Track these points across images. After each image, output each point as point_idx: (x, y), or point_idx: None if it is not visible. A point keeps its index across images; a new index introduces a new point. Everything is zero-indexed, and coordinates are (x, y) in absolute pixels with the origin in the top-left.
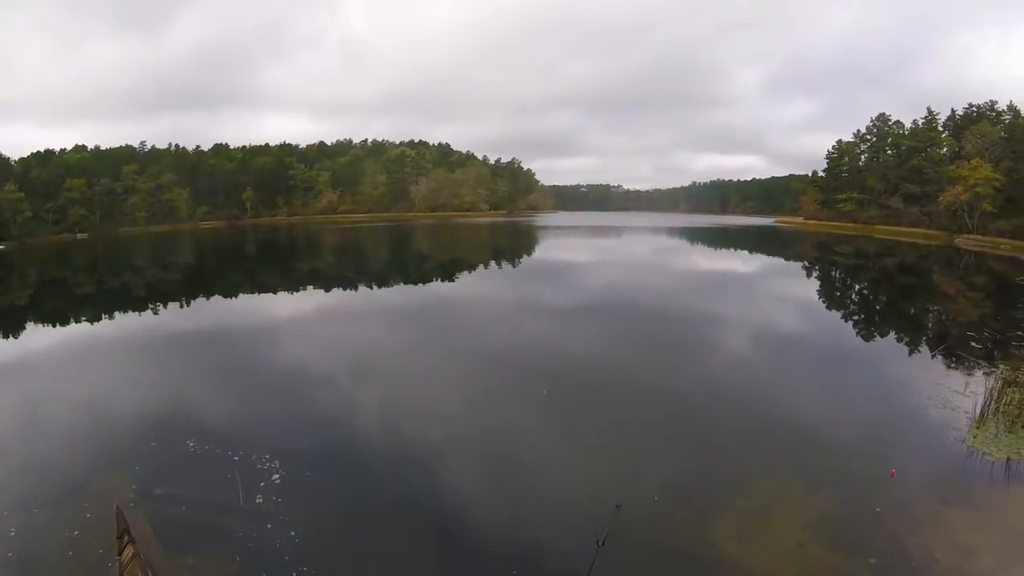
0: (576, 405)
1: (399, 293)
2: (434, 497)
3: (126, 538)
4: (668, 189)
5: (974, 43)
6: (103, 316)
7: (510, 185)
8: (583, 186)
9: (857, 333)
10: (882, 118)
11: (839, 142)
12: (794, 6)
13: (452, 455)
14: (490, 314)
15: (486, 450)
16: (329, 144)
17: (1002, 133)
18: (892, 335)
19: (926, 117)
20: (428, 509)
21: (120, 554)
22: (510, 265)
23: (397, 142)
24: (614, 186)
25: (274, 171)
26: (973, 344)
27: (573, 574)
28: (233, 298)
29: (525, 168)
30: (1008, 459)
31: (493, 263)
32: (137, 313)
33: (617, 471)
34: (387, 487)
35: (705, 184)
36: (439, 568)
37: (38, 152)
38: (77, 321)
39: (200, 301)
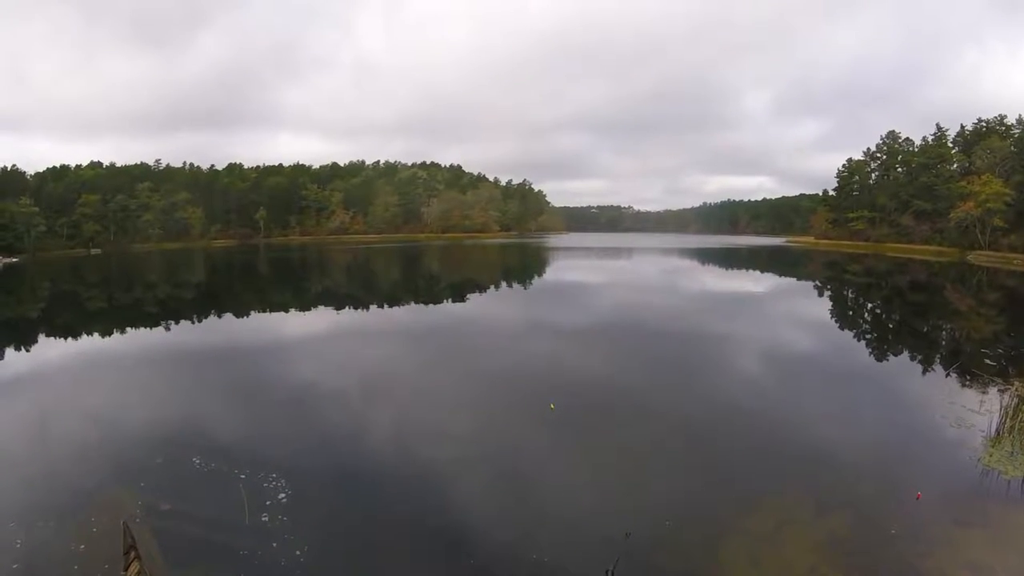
0: (585, 426)
1: (409, 313)
2: (441, 517)
3: (132, 554)
4: (678, 210)
5: (981, 60)
6: (113, 331)
7: (521, 206)
8: (593, 207)
9: (869, 352)
10: (892, 136)
11: (849, 160)
12: (800, 27)
13: (460, 475)
14: (499, 334)
15: (494, 470)
16: (342, 165)
17: (1012, 148)
18: (905, 353)
19: (935, 134)
20: (435, 529)
21: (126, 570)
22: (520, 286)
23: (409, 163)
24: (624, 207)
25: (287, 191)
26: (987, 361)
27: None
28: (243, 316)
29: (536, 189)
30: None
31: (504, 284)
32: (147, 329)
33: (626, 493)
34: (394, 506)
35: (715, 205)
36: None
37: (54, 167)
38: (88, 335)
39: (210, 318)
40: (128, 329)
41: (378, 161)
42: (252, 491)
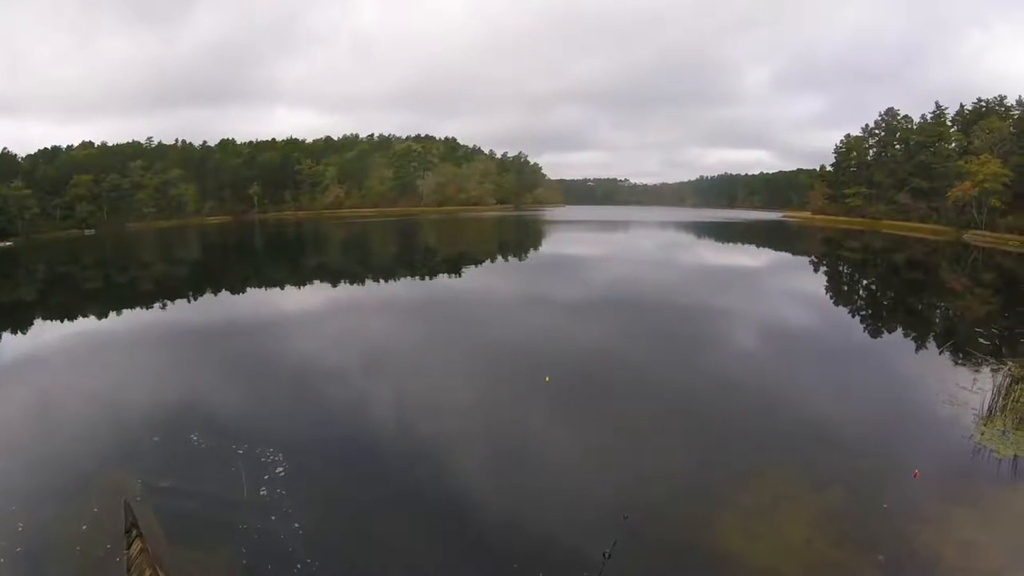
0: (582, 399)
1: (405, 287)
2: (438, 489)
3: (134, 532)
4: (675, 183)
5: (984, 42)
6: (109, 312)
7: (517, 179)
8: (590, 180)
9: (864, 329)
10: (890, 113)
11: (847, 136)
12: (803, 3)
13: (457, 448)
14: (497, 308)
15: (491, 443)
16: (336, 139)
17: (1011, 128)
18: (900, 331)
19: (935, 112)
20: (432, 501)
21: (128, 548)
22: (517, 259)
23: (404, 136)
24: (621, 180)
25: (281, 166)
26: (981, 340)
27: None
28: (239, 293)
29: (532, 162)
30: (1015, 456)
31: (500, 257)
32: (143, 308)
33: (623, 467)
34: (391, 479)
35: (712, 178)
36: (442, 559)
37: (45, 149)
38: (84, 316)
39: (206, 296)
40: (123, 309)
41: (372, 135)
42: (250, 466)
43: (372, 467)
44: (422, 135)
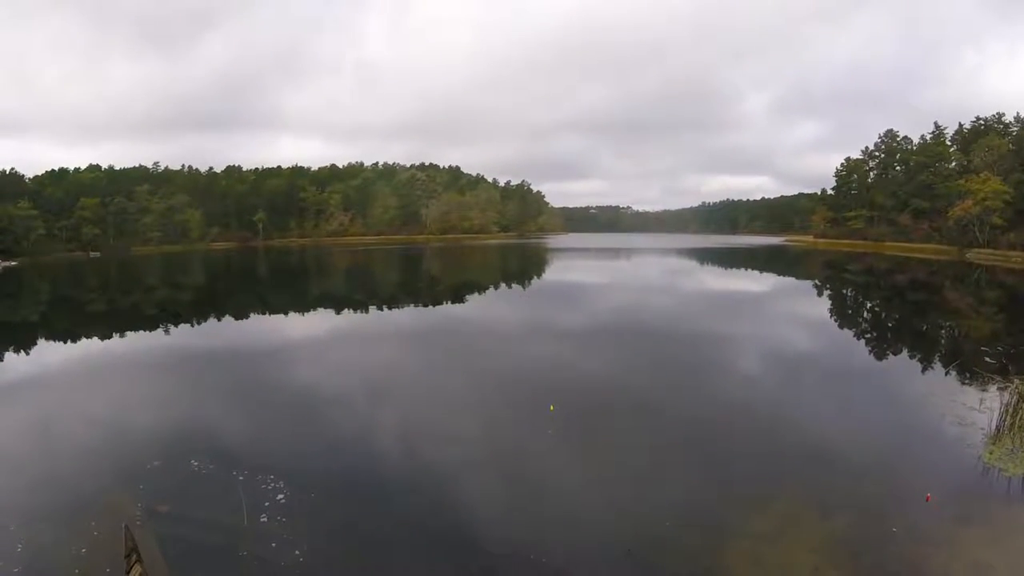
0: (586, 427)
1: (409, 315)
2: (441, 518)
3: (134, 557)
4: (678, 210)
5: (980, 62)
6: (112, 334)
7: (520, 207)
8: (593, 208)
9: (869, 351)
10: (890, 134)
11: (847, 159)
12: (800, 31)
13: (459, 477)
14: (500, 336)
15: (494, 473)
16: (341, 167)
17: (1011, 146)
18: (905, 352)
19: (934, 132)
20: (435, 530)
21: (128, 573)
22: (520, 287)
23: (408, 165)
24: (623, 207)
25: (286, 193)
26: (987, 359)
27: None
28: (242, 319)
29: (535, 190)
30: None
31: (504, 285)
32: (146, 331)
33: (628, 495)
34: (393, 507)
35: (714, 204)
36: None
37: (53, 170)
38: (86, 338)
39: (209, 322)
40: (126, 332)
41: (377, 163)
42: (250, 493)
43: (374, 495)
44: (426, 163)
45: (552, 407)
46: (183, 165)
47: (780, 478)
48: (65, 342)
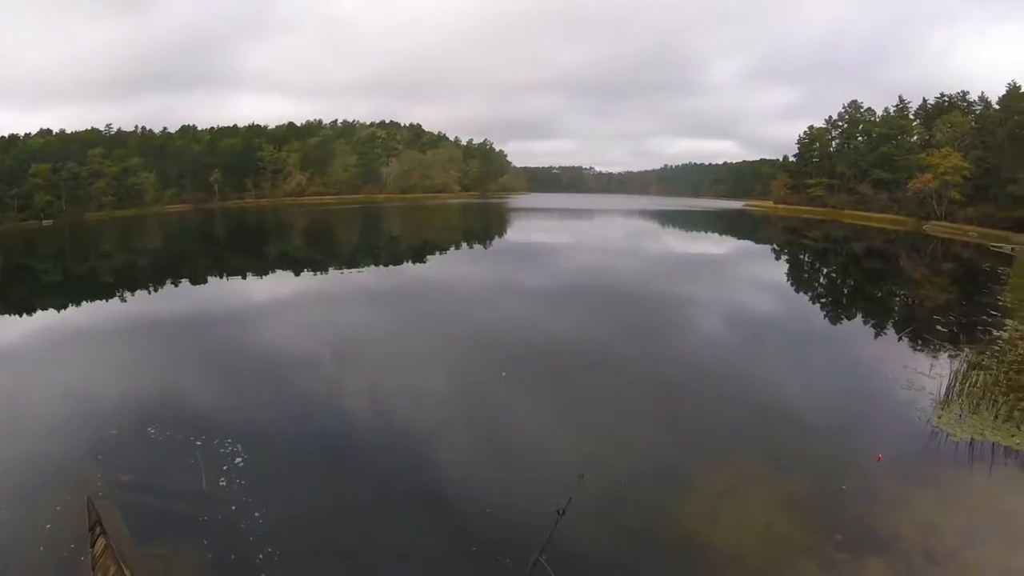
0: (548, 385)
1: (368, 276)
2: (394, 471)
3: (97, 529)
4: (640, 172)
5: (950, 41)
6: (66, 304)
7: (482, 166)
8: (556, 168)
9: (826, 316)
10: (854, 105)
11: (811, 128)
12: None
13: (415, 432)
14: (461, 296)
15: (453, 427)
16: (299, 125)
17: (973, 123)
18: (860, 318)
19: (898, 106)
20: (388, 482)
21: (92, 546)
22: (482, 247)
23: (368, 123)
24: (587, 168)
25: (242, 153)
26: (939, 328)
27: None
28: (198, 284)
29: (498, 149)
30: (972, 439)
31: (465, 245)
32: (101, 300)
33: (586, 451)
34: (348, 465)
35: (677, 167)
36: (401, 537)
37: (2, 137)
38: (42, 310)
39: (166, 287)
40: (81, 302)
41: (336, 120)
42: (209, 458)
43: (329, 454)
44: (387, 121)
45: (504, 373)
46: (136, 126)
47: (737, 437)
48: (19, 315)
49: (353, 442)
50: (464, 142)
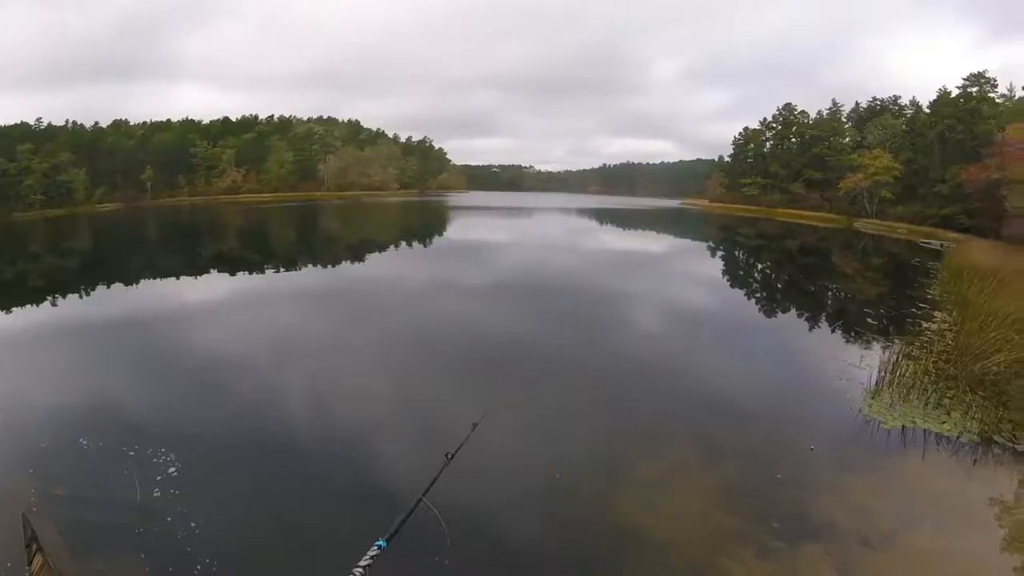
0: (483, 379)
1: (305, 276)
2: (331, 471)
3: (34, 546)
4: (579, 171)
5: (890, 48)
6: None
7: (421, 164)
8: (495, 167)
9: (760, 309)
10: (788, 107)
11: (746, 129)
12: (716, 5)
13: (351, 431)
14: (401, 295)
15: (399, 430)
16: (234, 120)
17: (903, 126)
18: (793, 311)
19: (831, 108)
20: (320, 478)
21: (29, 564)
22: (422, 245)
23: (305, 119)
24: (526, 167)
25: (176, 148)
26: (870, 320)
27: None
28: (131, 286)
29: (437, 147)
30: (903, 427)
31: (405, 244)
32: (31, 305)
33: (520, 442)
34: (281, 469)
35: (615, 166)
36: (332, 528)
37: None
38: None
39: (96, 291)
40: (9, 308)
41: (272, 116)
42: (142, 468)
43: (262, 458)
44: (324, 117)
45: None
46: (67, 120)
47: (672, 428)
48: None
49: (285, 448)
50: (403, 139)
